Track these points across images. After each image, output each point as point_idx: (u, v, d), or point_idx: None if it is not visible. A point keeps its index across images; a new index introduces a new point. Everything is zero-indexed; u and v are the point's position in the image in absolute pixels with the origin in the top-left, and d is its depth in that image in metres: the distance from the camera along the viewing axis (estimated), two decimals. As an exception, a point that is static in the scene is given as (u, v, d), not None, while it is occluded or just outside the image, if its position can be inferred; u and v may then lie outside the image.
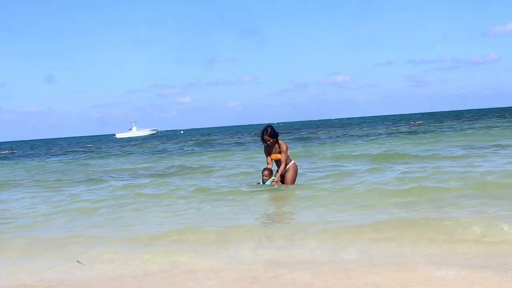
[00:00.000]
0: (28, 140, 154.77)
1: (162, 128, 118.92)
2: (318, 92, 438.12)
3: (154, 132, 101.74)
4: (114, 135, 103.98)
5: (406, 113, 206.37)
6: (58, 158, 29.59)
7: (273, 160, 9.17)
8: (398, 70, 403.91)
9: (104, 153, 32.61)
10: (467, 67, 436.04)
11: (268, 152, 9.14)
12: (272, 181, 8.96)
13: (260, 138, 9.06)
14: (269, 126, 8.97)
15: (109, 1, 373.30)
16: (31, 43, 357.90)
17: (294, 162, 9.21)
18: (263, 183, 9.04)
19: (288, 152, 9.06)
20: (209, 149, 27.33)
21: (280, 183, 8.95)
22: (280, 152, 8.97)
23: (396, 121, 64.84)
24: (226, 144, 32.51)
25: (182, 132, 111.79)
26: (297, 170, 9.23)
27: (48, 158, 30.49)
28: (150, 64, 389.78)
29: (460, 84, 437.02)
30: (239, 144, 31.47)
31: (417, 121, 58.60)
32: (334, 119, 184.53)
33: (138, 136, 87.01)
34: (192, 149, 28.86)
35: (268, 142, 8.93)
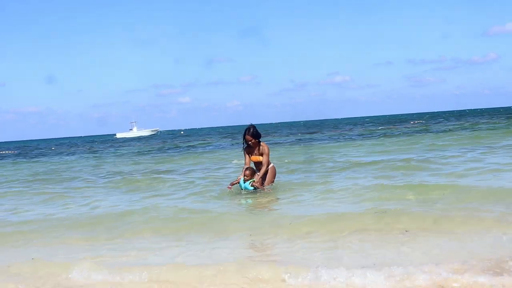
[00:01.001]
0: (27, 141, 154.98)
1: (162, 128, 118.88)
2: (318, 92, 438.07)
3: (155, 132, 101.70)
4: (115, 135, 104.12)
5: (406, 113, 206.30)
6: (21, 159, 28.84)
7: (251, 162, 8.86)
8: (397, 70, 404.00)
9: (86, 154, 31.92)
10: (467, 67, 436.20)
11: (248, 153, 8.83)
12: (252, 182, 8.56)
13: (242, 138, 8.78)
14: (252, 126, 8.72)
15: (108, 1, 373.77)
16: (30, 42, 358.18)
17: (273, 165, 8.98)
18: (244, 182, 8.60)
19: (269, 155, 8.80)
20: (187, 152, 26.41)
21: (262, 186, 8.61)
22: (261, 154, 8.73)
23: (396, 122, 64.84)
24: (212, 146, 31.32)
25: (182, 132, 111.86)
26: (275, 173, 8.99)
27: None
28: (149, 64, 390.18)
29: (460, 84, 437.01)
30: (230, 145, 30.61)
31: (416, 121, 58.83)
32: (333, 119, 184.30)
33: (139, 136, 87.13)
34: (171, 152, 28.04)
35: (250, 142, 8.66)
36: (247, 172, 8.64)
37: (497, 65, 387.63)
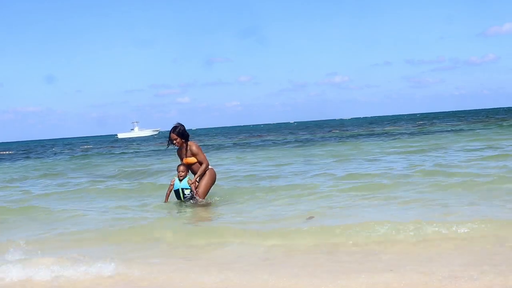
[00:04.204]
0: (27, 141, 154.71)
1: (164, 128, 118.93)
2: (317, 92, 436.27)
3: (156, 132, 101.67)
4: (116, 135, 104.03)
5: (406, 113, 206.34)
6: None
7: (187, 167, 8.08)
8: (396, 71, 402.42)
9: (73, 155, 31.69)
10: (466, 68, 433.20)
11: (180, 156, 8.17)
12: (189, 180, 7.96)
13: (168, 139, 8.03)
14: (180, 124, 8.03)
15: (108, 1, 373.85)
16: (29, 42, 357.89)
17: (212, 168, 8.15)
18: (180, 182, 7.98)
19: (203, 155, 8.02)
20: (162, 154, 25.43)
21: (197, 191, 7.86)
22: (192, 155, 7.96)
23: (396, 121, 64.74)
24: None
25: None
26: (214, 178, 8.15)
27: None
28: (147, 64, 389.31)
29: (459, 84, 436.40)
30: (219, 147, 30.18)
31: (418, 121, 58.94)
32: (331, 119, 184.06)
33: (140, 137, 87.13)
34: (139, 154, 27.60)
35: (175, 141, 7.94)
36: (181, 167, 8.00)
37: (495, 65, 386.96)
